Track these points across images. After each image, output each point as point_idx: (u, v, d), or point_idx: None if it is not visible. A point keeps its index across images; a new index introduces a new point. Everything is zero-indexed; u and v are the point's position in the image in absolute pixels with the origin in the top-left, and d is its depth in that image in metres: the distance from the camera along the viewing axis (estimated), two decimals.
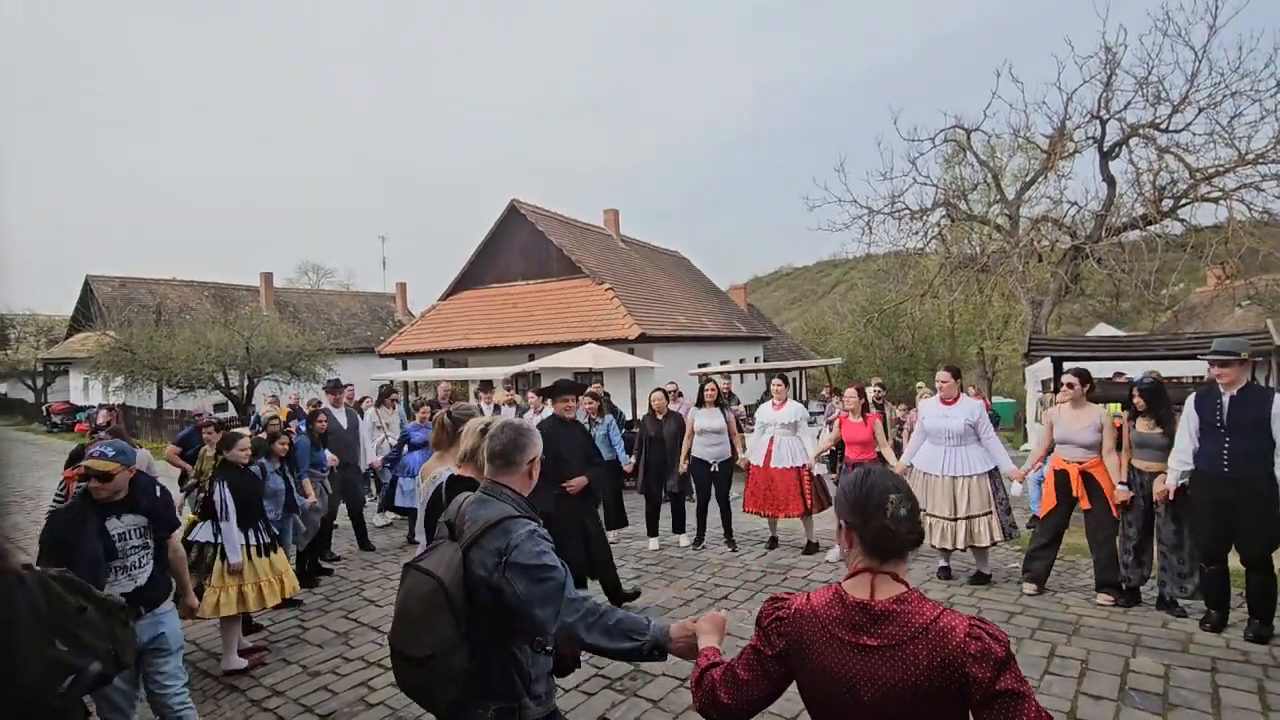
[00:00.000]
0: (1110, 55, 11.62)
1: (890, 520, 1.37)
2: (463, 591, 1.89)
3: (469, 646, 1.88)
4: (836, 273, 61.64)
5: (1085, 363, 7.98)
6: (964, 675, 1.25)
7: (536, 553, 1.86)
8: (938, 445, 5.27)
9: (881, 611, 1.34)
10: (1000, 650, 1.26)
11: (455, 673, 1.87)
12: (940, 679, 1.26)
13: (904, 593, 1.36)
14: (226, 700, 4.09)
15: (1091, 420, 4.76)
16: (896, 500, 1.38)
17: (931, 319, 24.53)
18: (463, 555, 1.92)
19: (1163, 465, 4.45)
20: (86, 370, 23.66)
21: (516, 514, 1.97)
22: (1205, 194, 11.46)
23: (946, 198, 14.11)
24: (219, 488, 4.46)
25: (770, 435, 6.36)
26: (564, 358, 13.94)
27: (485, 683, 1.91)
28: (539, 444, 2.15)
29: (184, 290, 30.37)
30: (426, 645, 1.86)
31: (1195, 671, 3.67)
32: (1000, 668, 1.25)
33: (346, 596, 5.80)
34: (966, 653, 1.26)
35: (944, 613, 1.33)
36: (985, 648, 1.26)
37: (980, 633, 1.29)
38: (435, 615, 1.87)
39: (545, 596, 1.83)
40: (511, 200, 20.19)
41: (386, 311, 36.44)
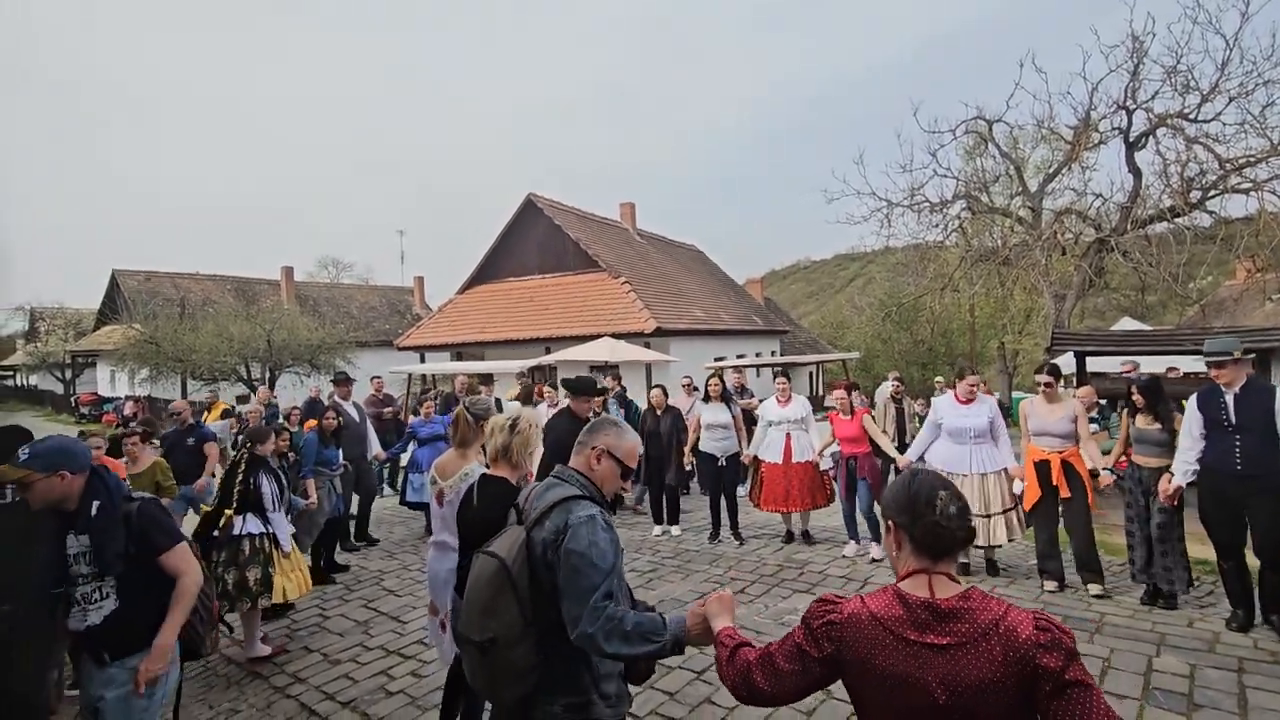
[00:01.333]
0: (1138, 44, 11.38)
1: (941, 518, 1.38)
2: (526, 573, 1.86)
3: (535, 637, 1.84)
4: (854, 266, 61.12)
5: (1109, 357, 7.85)
6: (1036, 667, 1.26)
7: (589, 542, 1.82)
8: (961, 444, 5.27)
9: (949, 609, 1.34)
10: (1070, 641, 1.28)
11: (522, 668, 1.84)
12: (1014, 672, 1.27)
13: (967, 590, 1.37)
14: (250, 687, 4.17)
15: (1066, 411, 4.91)
16: (946, 498, 1.40)
17: (951, 313, 24.19)
18: (526, 536, 1.91)
19: (1162, 460, 4.50)
20: (113, 362, 24.12)
21: (581, 494, 1.95)
22: (1235, 185, 11.20)
23: (967, 190, 13.92)
24: (265, 480, 4.51)
25: (786, 432, 6.36)
26: (580, 351, 13.97)
27: (552, 676, 1.87)
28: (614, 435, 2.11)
29: (207, 284, 30.84)
30: (490, 629, 1.83)
31: (1222, 671, 3.61)
32: (1070, 658, 1.26)
33: (366, 586, 5.88)
34: (1038, 644, 1.27)
35: (1010, 608, 1.34)
36: (1055, 639, 1.28)
37: (1048, 625, 1.30)
38: (499, 598, 1.84)
39: (577, 593, 1.79)
40: (528, 194, 20.21)
41: (404, 305, 36.75)
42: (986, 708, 1.28)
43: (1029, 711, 1.29)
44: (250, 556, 4.36)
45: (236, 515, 4.42)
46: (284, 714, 3.81)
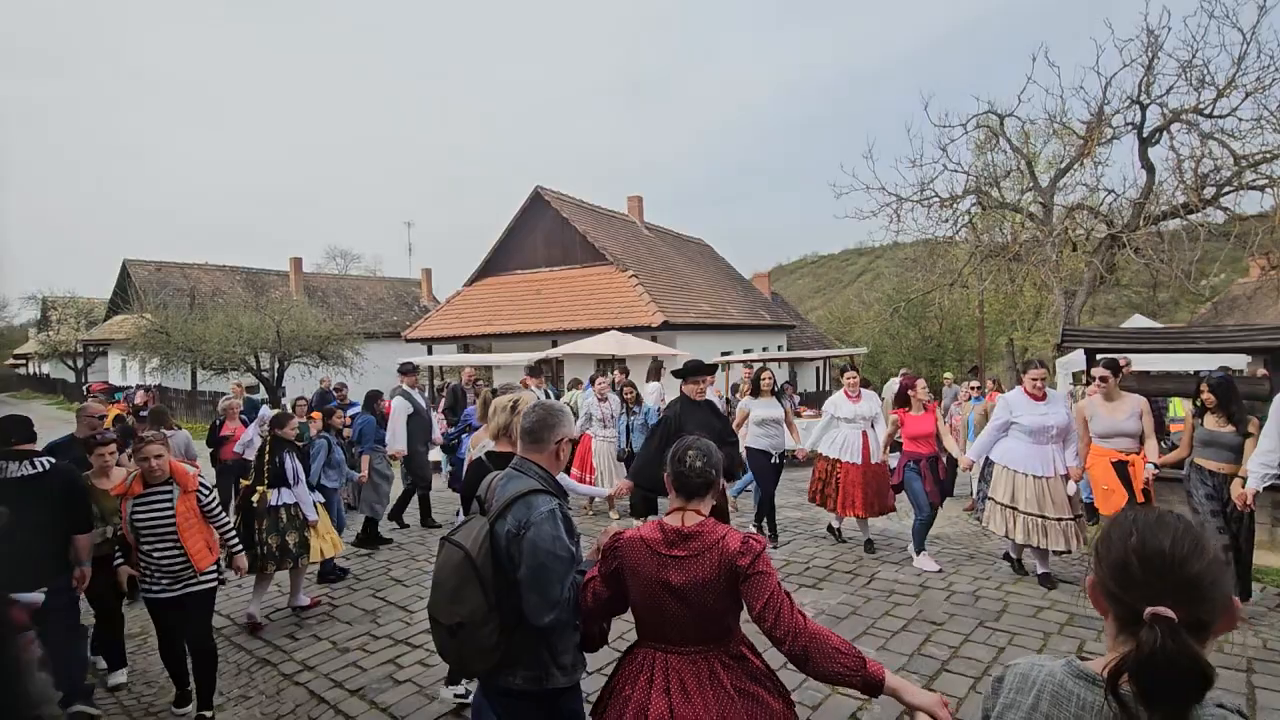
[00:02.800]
0: (1152, 38, 11.22)
1: (689, 470, 1.97)
2: (490, 563, 2.01)
3: (499, 618, 2.00)
4: (862, 261, 60.81)
5: (1122, 355, 7.79)
6: (735, 566, 1.84)
7: (551, 537, 1.99)
8: (1043, 444, 4.86)
9: (688, 533, 1.91)
10: (756, 545, 1.87)
11: (488, 646, 2.00)
12: (724, 572, 1.85)
13: (702, 521, 1.94)
14: (259, 674, 4.21)
15: (1132, 408, 4.62)
16: (693, 455, 1.99)
17: (960, 309, 24.06)
18: (490, 528, 2.05)
19: (1236, 466, 4.16)
20: (124, 351, 24.32)
21: (540, 489, 2.09)
22: (1251, 181, 11.05)
23: (978, 185, 13.80)
24: (288, 459, 5.08)
25: (862, 430, 6.02)
26: (587, 344, 13.98)
27: (515, 652, 2.04)
28: (568, 425, 2.27)
29: (216, 275, 30.99)
30: (458, 614, 1.99)
31: (1231, 672, 3.59)
32: (755, 558, 1.84)
33: (375, 576, 5.92)
34: (739, 553, 1.85)
35: (729, 532, 1.91)
36: (750, 546, 1.86)
37: (748, 540, 1.88)
38: (464, 586, 1.99)
39: (541, 584, 1.97)
40: (535, 187, 20.20)
41: (412, 297, 36.83)
42: (708, 593, 1.86)
43: (735, 596, 1.87)
44: (289, 523, 5.01)
45: (270, 490, 5.01)
46: (293, 701, 3.85)
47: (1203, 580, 0.98)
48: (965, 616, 4.48)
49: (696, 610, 1.87)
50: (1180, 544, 1.00)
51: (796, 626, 1.74)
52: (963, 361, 27.21)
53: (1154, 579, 0.99)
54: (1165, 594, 0.97)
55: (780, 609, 1.77)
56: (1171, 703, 0.91)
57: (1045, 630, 4.20)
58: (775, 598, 1.79)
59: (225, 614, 5.18)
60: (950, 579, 5.22)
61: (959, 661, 3.85)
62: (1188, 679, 0.90)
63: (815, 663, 1.70)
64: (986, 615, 4.49)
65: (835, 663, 1.69)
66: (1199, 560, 0.99)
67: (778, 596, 1.79)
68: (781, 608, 1.77)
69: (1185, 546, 1.00)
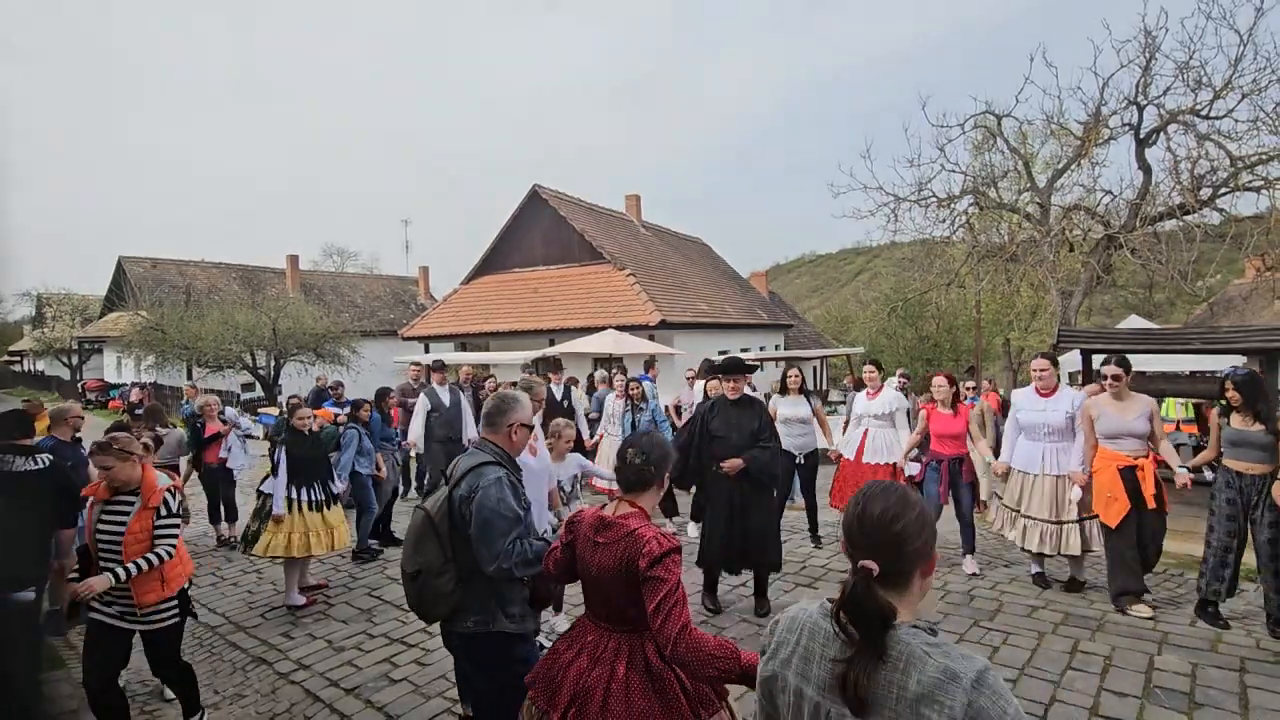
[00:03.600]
0: (1150, 39, 11.24)
1: (627, 467, 2.10)
2: (447, 522, 2.41)
3: (455, 571, 2.41)
4: (860, 261, 60.89)
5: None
6: (635, 564, 1.89)
7: (496, 498, 2.34)
8: (1035, 441, 4.82)
9: (610, 522, 2.02)
10: (657, 550, 1.88)
11: (444, 592, 2.40)
12: (625, 565, 1.91)
13: (630, 512, 2.04)
14: (254, 673, 4.20)
15: (1142, 409, 4.41)
16: (632, 453, 2.10)
17: (957, 309, 24.08)
18: (449, 493, 2.44)
19: (1265, 466, 4.02)
20: (119, 349, 24.23)
21: (492, 461, 2.45)
22: (1247, 183, 11.08)
23: (975, 185, 13.81)
24: (278, 449, 5.20)
25: (865, 427, 5.88)
26: (584, 343, 13.97)
27: (467, 600, 2.43)
28: (522, 411, 2.61)
29: (212, 272, 30.91)
30: (416, 563, 2.42)
31: (1224, 671, 3.61)
32: (654, 562, 1.86)
33: (371, 574, 5.91)
34: (640, 552, 1.89)
35: (643, 526, 1.96)
36: (650, 550, 1.88)
37: (655, 540, 1.91)
38: (423, 539, 2.43)
39: (486, 538, 2.32)
40: (533, 185, 20.17)
41: (409, 295, 36.78)
42: (614, 583, 1.95)
43: (637, 591, 1.90)
44: (257, 512, 5.25)
45: (271, 476, 5.20)
46: (288, 700, 3.84)
47: (901, 537, 1.25)
48: (960, 616, 4.49)
49: (604, 595, 2.00)
50: (888, 509, 1.27)
51: (675, 635, 1.78)
52: (959, 361, 27.26)
53: (864, 538, 1.27)
54: (870, 549, 1.25)
55: (668, 616, 1.80)
56: (866, 629, 1.21)
57: (1039, 630, 4.21)
58: (665, 603, 1.81)
59: (220, 612, 5.17)
60: (945, 578, 5.23)
61: None
62: (874, 615, 1.20)
63: (693, 667, 1.79)
64: (981, 614, 4.50)
65: (712, 666, 1.78)
66: (899, 521, 1.25)
67: (668, 603, 1.82)
68: (669, 615, 1.80)
69: (892, 511, 1.26)
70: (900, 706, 1.16)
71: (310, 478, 5.25)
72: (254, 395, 22.55)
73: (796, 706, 1.32)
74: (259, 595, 5.52)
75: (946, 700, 1.14)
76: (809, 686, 1.29)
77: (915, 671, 1.17)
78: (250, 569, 6.15)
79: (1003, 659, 3.85)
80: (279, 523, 5.02)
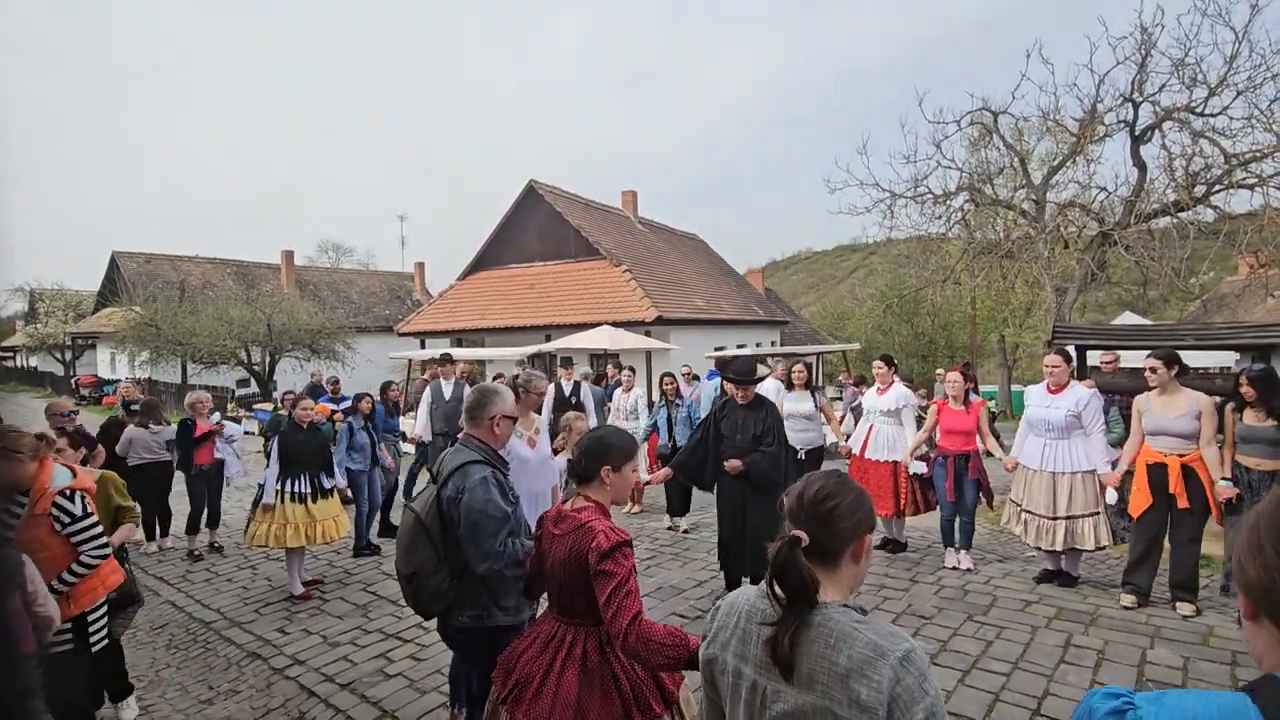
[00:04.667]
0: (1146, 36, 11.24)
1: (573, 460, 2.12)
2: (437, 523, 2.42)
3: (448, 569, 2.42)
4: (856, 257, 60.93)
5: (1110, 351, 7.84)
6: (585, 558, 1.91)
7: (483, 499, 2.34)
8: (1038, 437, 4.81)
9: (565, 515, 2.05)
10: (606, 545, 1.89)
11: (439, 590, 2.43)
12: (577, 558, 1.93)
13: (586, 506, 2.06)
14: (249, 668, 4.19)
15: (1189, 407, 4.25)
16: (578, 446, 2.13)
17: (952, 305, 24.11)
18: (437, 494, 2.43)
19: (1276, 463, 4.03)
20: (113, 345, 24.11)
21: (478, 460, 2.45)
22: (1241, 180, 11.11)
23: (971, 182, 13.81)
24: (271, 442, 5.33)
25: (870, 423, 5.80)
26: (581, 339, 13.96)
27: (462, 596, 2.47)
28: (502, 404, 2.60)
29: (207, 267, 30.76)
30: (410, 565, 2.43)
31: (1215, 664, 3.64)
32: (603, 556, 1.87)
33: (366, 570, 5.91)
34: (589, 546, 1.91)
35: (597, 520, 1.99)
36: (599, 543, 1.89)
37: (603, 534, 1.92)
38: (415, 541, 2.42)
39: (475, 539, 2.33)
40: (529, 181, 20.12)
41: (405, 291, 36.68)
42: (568, 574, 1.97)
43: (588, 583, 1.91)
44: (254, 501, 5.37)
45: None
46: (283, 695, 3.84)
47: (832, 514, 1.33)
48: (954, 610, 4.52)
49: (556, 586, 2.03)
50: (825, 489, 1.37)
51: (625, 627, 1.80)
52: (954, 358, 27.33)
53: (800, 513, 1.36)
54: (803, 522, 1.34)
55: (618, 609, 1.82)
56: (791, 593, 1.27)
57: (1033, 624, 4.24)
58: (616, 596, 1.84)
59: (215, 607, 5.16)
60: (940, 573, 5.25)
61: (948, 655, 3.88)
62: (798, 580, 1.26)
63: (645, 659, 1.82)
64: (975, 609, 4.52)
65: (661, 655, 1.80)
66: (832, 500, 1.35)
67: (618, 595, 1.84)
68: (620, 608, 1.82)
69: (827, 490, 1.36)
70: (831, 681, 1.22)
71: (300, 470, 5.27)
72: (249, 391, 22.48)
73: (735, 687, 1.38)
74: (254, 591, 5.51)
75: (874, 675, 1.18)
76: (747, 666, 1.35)
77: (845, 647, 1.22)
78: (245, 565, 6.14)
79: (997, 653, 3.87)
80: (267, 511, 5.15)
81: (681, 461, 4.76)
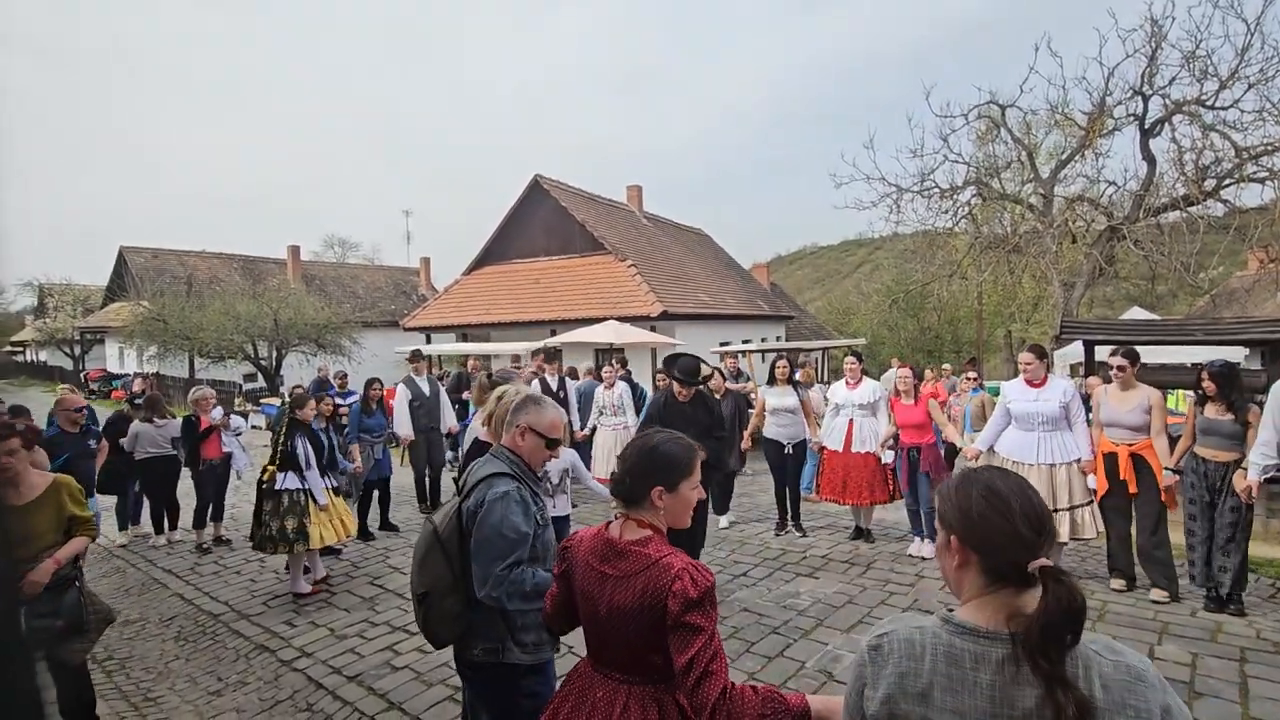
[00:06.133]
0: (1156, 28, 11.16)
1: (617, 481, 1.71)
2: (455, 538, 2.18)
3: (463, 592, 2.16)
4: (861, 252, 60.73)
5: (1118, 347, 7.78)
6: (664, 605, 1.52)
7: (500, 516, 2.08)
8: (1029, 431, 4.83)
9: (622, 549, 1.64)
10: (694, 593, 1.50)
11: (451, 614, 2.17)
12: (649, 604, 1.54)
13: (644, 536, 1.65)
14: (257, 660, 4.22)
15: (1139, 401, 4.54)
16: (619, 462, 1.74)
17: (959, 300, 24.02)
18: (459, 505, 2.22)
19: (1232, 454, 4.20)
20: (121, 339, 24.24)
21: (505, 472, 2.19)
22: (1252, 174, 11.03)
23: (978, 176, 13.76)
24: (300, 442, 5.14)
25: (849, 417, 5.95)
26: (586, 334, 13.96)
27: (475, 624, 2.19)
28: (532, 415, 2.29)
29: (213, 262, 30.86)
30: (424, 583, 2.18)
31: (1224, 661, 3.62)
32: (689, 606, 1.49)
33: (373, 563, 5.94)
34: (670, 590, 1.52)
35: (671, 554, 1.60)
36: (684, 588, 1.51)
37: (688, 576, 1.53)
38: (429, 555, 2.19)
39: (485, 561, 2.06)
40: (534, 175, 20.09)
41: (410, 286, 36.72)
42: (631, 625, 1.57)
43: (662, 635, 1.53)
44: (289, 508, 5.03)
45: (279, 472, 5.09)
46: (291, 687, 3.86)
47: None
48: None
49: (617, 637, 1.62)
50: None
51: (714, 699, 1.44)
52: (960, 353, 27.22)
53: (1036, 534, 1.11)
54: (1043, 545, 1.11)
55: (704, 674, 1.45)
56: (1064, 643, 1.03)
57: None
58: (701, 657, 1.47)
59: (224, 600, 5.20)
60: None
61: None
62: (1079, 623, 1.02)
63: None
64: None
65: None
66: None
67: (704, 656, 1.47)
68: (706, 674, 1.46)
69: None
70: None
71: (325, 467, 5.38)
72: (256, 386, 22.58)
73: None
74: (262, 584, 5.55)
75: (1138, 703, 1.00)
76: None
77: (1093, 673, 1.02)
78: (252, 558, 6.17)
79: None
80: (325, 511, 5.17)
81: None
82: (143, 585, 5.72)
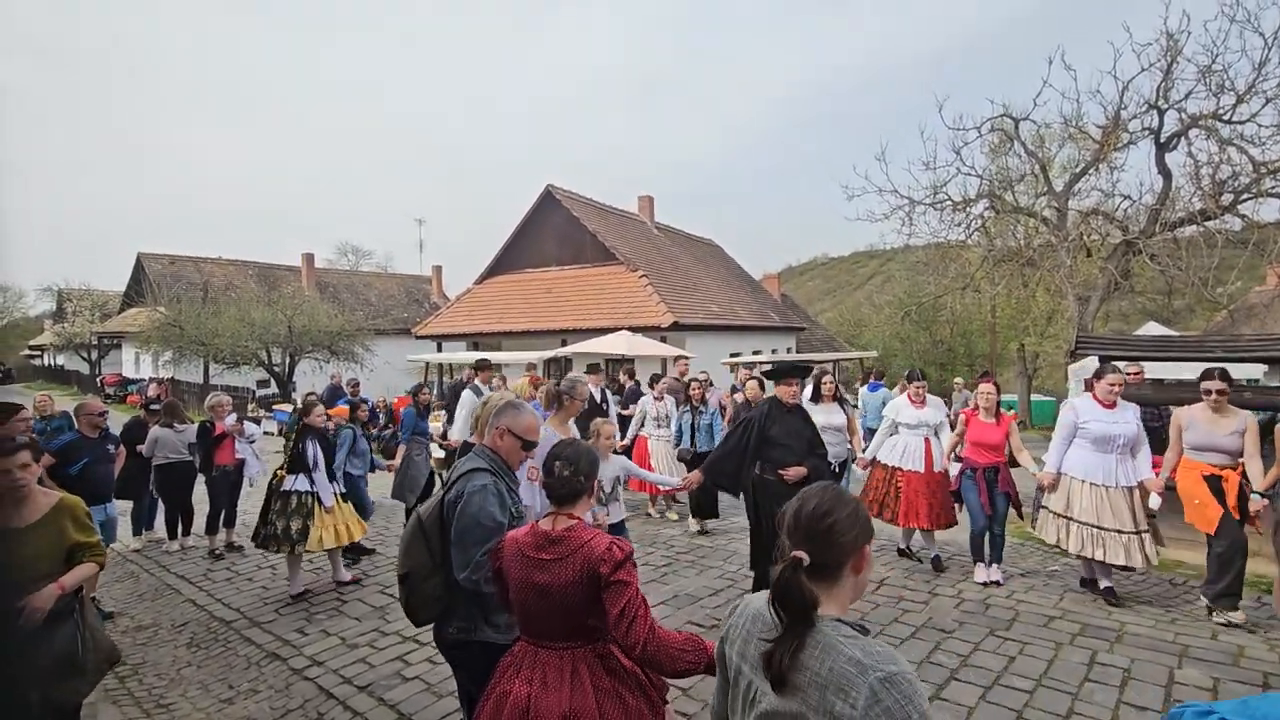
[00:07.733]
0: (1172, 42, 11.08)
1: (555, 480, 2.07)
2: (437, 527, 2.42)
3: (443, 575, 2.39)
4: (873, 264, 60.54)
5: (1136, 363, 7.71)
6: (597, 572, 1.90)
7: (478, 506, 2.33)
8: (1107, 453, 4.66)
9: (555, 537, 2.00)
10: (620, 555, 1.92)
11: (430, 596, 2.42)
12: (586, 575, 1.92)
13: (573, 524, 2.03)
14: (268, 668, 4.23)
15: (1236, 424, 4.39)
16: (560, 465, 2.08)
17: (972, 313, 23.86)
18: (442, 497, 2.46)
19: None
20: (138, 344, 24.52)
21: (484, 468, 2.45)
22: (1270, 189, 10.91)
23: (991, 189, 13.69)
24: (311, 445, 5.25)
25: (925, 437, 5.67)
26: (597, 344, 13.99)
27: (452, 606, 2.43)
28: (509, 418, 2.55)
29: (229, 269, 31.23)
30: (405, 565, 2.42)
31: (1247, 686, 3.55)
32: (617, 566, 1.90)
33: (384, 572, 5.94)
34: (600, 559, 1.91)
35: (595, 535, 1.98)
36: (611, 555, 1.91)
37: (614, 547, 1.94)
38: (413, 542, 2.43)
39: (464, 548, 2.30)
40: (547, 185, 20.23)
41: (423, 294, 36.98)
42: (571, 594, 1.93)
43: (597, 598, 1.91)
44: (295, 509, 5.15)
45: (289, 474, 5.22)
46: (302, 695, 3.87)
47: (831, 530, 1.35)
48: (975, 624, 4.45)
49: (561, 610, 1.96)
50: (822, 505, 1.38)
51: (644, 636, 1.84)
52: (973, 366, 27.00)
53: (798, 531, 1.37)
54: (803, 541, 1.36)
55: (634, 618, 1.85)
56: (790, 614, 1.31)
57: (1056, 640, 4.17)
58: (630, 606, 1.86)
59: (235, 607, 5.22)
60: (959, 586, 5.18)
61: (968, 670, 3.82)
62: (798, 601, 1.30)
63: (663, 665, 1.86)
64: (997, 624, 4.45)
65: (681, 660, 1.87)
66: (830, 516, 1.36)
67: (633, 605, 1.87)
68: (635, 617, 1.85)
69: (825, 506, 1.38)
70: (811, 690, 1.27)
71: (333, 471, 5.51)
72: (269, 392, 22.75)
73: (735, 682, 1.48)
74: (274, 590, 5.56)
75: (851, 691, 1.21)
76: (745, 665, 1.44)
77: (828, 659, 1.27)
78: (265, 564, 6.20)
79: (1019, 669, 3.81)
80: (330, 514, 5.26)
81: (716, 467, 4.73)
82: (156, 590, 5.76)
